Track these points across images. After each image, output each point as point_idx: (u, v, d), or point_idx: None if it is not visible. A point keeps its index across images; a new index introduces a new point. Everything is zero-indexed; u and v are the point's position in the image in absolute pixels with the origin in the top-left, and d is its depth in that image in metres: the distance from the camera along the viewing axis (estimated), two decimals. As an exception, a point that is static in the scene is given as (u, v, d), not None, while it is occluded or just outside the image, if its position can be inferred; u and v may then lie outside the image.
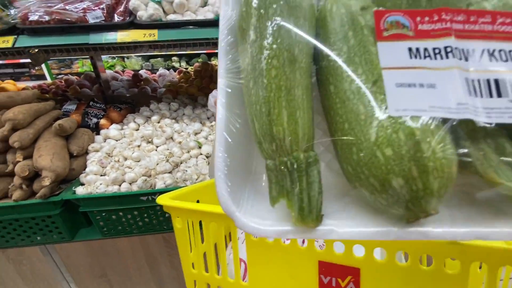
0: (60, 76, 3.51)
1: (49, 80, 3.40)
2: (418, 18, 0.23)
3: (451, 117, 0.20)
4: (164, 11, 1.09)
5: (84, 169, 1.09)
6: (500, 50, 0.22)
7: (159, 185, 1.01)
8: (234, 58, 0.26)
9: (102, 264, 1.18)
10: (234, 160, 0.24)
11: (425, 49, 0.22)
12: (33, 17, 0.95)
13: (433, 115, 0.20)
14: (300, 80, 0.23)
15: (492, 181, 0.20)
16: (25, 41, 1.00)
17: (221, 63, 0.26)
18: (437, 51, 0.22)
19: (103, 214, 1.02)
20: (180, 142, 1.18)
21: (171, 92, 1.77)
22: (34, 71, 3.61)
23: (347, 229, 0.22)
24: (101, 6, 1.02)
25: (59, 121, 1.03)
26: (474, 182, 0.22)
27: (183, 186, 1.02)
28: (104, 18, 1.03)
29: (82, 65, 3.53)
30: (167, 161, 1.09)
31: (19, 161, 0.95)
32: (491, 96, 0.21)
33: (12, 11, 0.98)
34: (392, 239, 0.22)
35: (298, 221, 0.22)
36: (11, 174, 1.00)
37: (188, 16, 1.09)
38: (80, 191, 0.99)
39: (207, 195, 0.63)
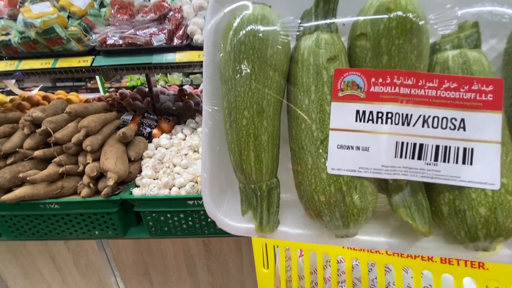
0: (111, 90, 3.91)
1: (101, 93, 3.79)
2: (373, 79, 0.26)
3: (374, 176, 0.26)
4: (216, 35, 1.22)
5: (139, 173, 1.21)
6: (434, 117, 0.26)
7: (205, 191, 1.10)
8: (215, 91, 0.32)
9: (146, 262, 1.28)
10: (216, 176, 0.32)
11: (370, 113, 0.26)
12: (110, 41, 1.12)
13: (359, 175, 0.26)
14: (266, 127, 0.29)
15: (400, 217, 0.27)
16: (101, 61, 1.18)
17: (205, 93, 0.32)
18: (379, 115, 0.26)
19: (153, 214, 1.12)
20: (223, 153, 1.27)
21: (212, 106, 1.90)
22: (90, 84, 4.06)
23: (296, 232, 0.31)
24: (164, 31, 1.17)
25: (123, 130, 1.17)
26: None
27: (225, 194, 1.10)
28: (165, 41, 1.18)
29: (130, 79, 3.89)
30: (212, 169, 1.18)
31: (88, 163, 1.09)
32: (412, 158, 0.26)
33: (93, 36, 1.16)
34: (322, 243, 0.30)
35: (258, 230, 0.30)
36: (80, 174, 1.16)
37: (237, 39, 1.21)
38: (136, 192, 1.11)
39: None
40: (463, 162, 0.26)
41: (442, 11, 0.27)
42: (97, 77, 3.82)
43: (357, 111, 0.27)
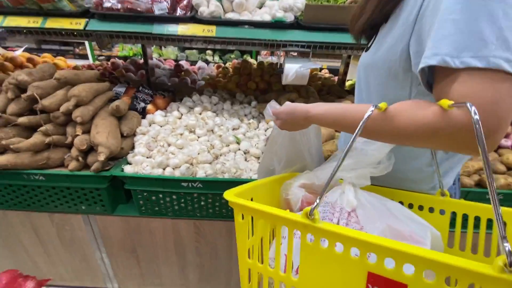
0: (101, 58, 3.69)
1: (91, 60, 3.59)
2: None
3: None
4: (223, 9, 1.14)
5: (131, 149, 1.16)
6: None
7: (200, 173, 1.06)
8: None
9: (133, 240, 1.26)
10: None
11: None
12: (107, 4, 1.02)
13: None
14: None
15: None
16: (95, 25, 1.08)
17: None
18: None
19: (145, 193, 1.08)
20: (220, 136, 1.23)
21: (209, 85, 1.83)
22: (78, 50, 3.82)
23: None
24: (167, -1, 1.08)
25: (116, 102, 1.10)
26: None
27: (221, 178, 1.07)
28: (168, 11, 1.09)
29: (122, 49, 3.69)
30: (208, 152, 1.14)
31: (78, 135, 1.03)
32: None
33: (88, -3, 1.06)
34: None
35: None
36: (67, 145, 1.09)
37: (246, 16, 1.14)
38: (127, 169, 1.06)
39: (260, 193, 0.67)
40: None
41: None
42: (86, 42, 3.59)
43: None
